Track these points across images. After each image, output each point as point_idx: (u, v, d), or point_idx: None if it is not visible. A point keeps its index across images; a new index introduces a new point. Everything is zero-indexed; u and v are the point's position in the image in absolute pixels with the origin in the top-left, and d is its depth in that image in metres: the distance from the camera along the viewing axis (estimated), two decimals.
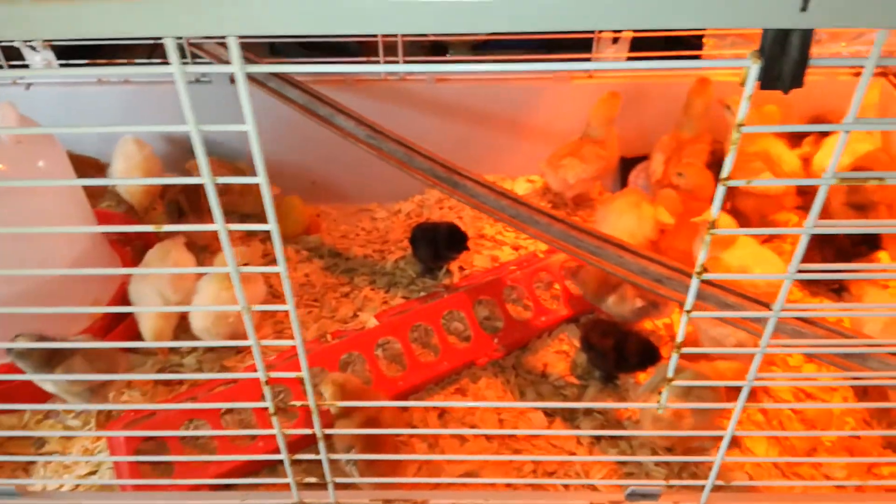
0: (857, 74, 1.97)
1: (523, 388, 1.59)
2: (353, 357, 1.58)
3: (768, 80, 0.60)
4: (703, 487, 1.02)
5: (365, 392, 1.41)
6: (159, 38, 0.63)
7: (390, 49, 2.00)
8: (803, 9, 0.54)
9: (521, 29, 0.58)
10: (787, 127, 0.72)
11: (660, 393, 0.94)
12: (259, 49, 2.27)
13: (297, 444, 1.40)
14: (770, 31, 0.57)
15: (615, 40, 1.97)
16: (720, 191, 0.68)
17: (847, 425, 1.51)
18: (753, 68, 0.60)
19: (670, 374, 0.88)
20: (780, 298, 0.77)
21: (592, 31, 1.91)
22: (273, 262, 1.91)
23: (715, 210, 0.69)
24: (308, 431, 0.97)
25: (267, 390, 0.91)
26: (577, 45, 1.97)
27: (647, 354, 1.53)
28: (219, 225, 0.77)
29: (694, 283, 0.76)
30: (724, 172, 0.66)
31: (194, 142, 0.70)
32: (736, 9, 0.55)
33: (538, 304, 1.68)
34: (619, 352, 1.52)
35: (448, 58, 2.11)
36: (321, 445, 0.99)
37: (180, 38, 0.63)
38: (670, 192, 1.74)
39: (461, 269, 1.85)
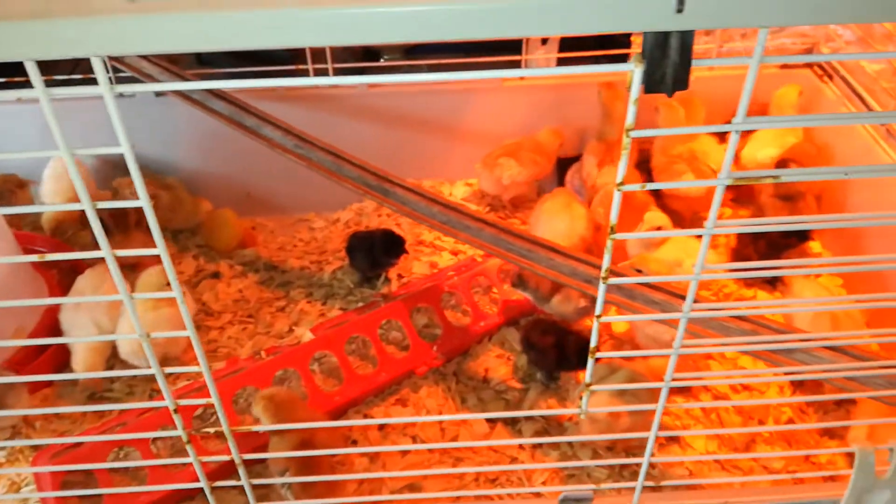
0: (784, 67, 2.01)
1: (465, 394, 1.57)
2: (289, 373, 1.54)
3: (652, 84, 0.58)
4: (634, 489, 1.01)
5: (296, 402, 1.38)
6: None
7: (320, 56, 1.97)
8: (679, 10, 0.53)
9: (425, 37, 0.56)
10: (675, 130, 0.72)
11: (581, 398, 0.94)
12: (185, 59, 2.21)
13: (231, 468, 1.36)
14: (649, 34, 0.56)
15: (544, 41, 1.97)
16: (616, 196, 0.66)
17: (784, 415, 1.53)
18: (637, 72, 0.59)
19: (588, 379, 0.87)
20: (689, 299, 0.76)
21: None
22: (206, 278, 1.86)
23: (614, 215, 0.68)
24: (226, 458, 0.93)
25: (177, 419, 0.87)
26: (508, 46, 1.97)
27: (587, 351, 1.52)
28: (105, 252, 0.73)
29: (601, 289, 0.75)
30: (619, 177, 0.65)
31: (69, 164, 0.66)
32: (614, 12, 0.54)
33: (476, 309, 1.67)
34: (560, 350, 1.52)
35: (379, 64, 2.08)
36: (241, 471, 0.96)
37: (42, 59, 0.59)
38: (609, 194, 1.75)
39: (400, 276, 1.83)
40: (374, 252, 1.73)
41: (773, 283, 1.75)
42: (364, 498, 1.34)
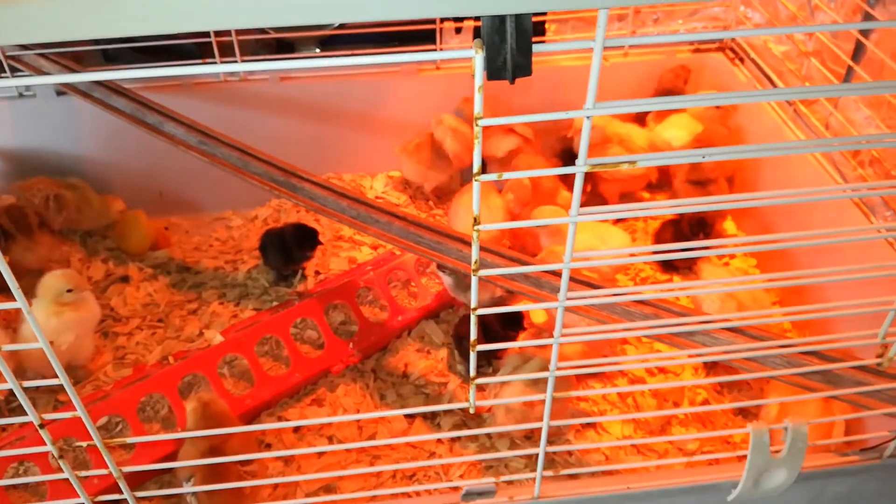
0: (697, 51, 2.03)
1: (383, 391, 1.55)
2: (197, 378, 1.49)
3: (493, 71, 0.56)
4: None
5: (227, 418, 1.33)
6: None
7: (229, 49, 1.91)
8: None
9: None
10: (524, 117, 0.70)
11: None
12: (91, 57, 2.12)
13: (136, 478, 1.32)
14: (486, 19, 0.54)
15: (458, 30, 1.95)
16: (475, 186, 0.64)
17: (699, 397, 1.54)
18: (478, 58, 0.56)
19: (472, 372, 0.85)
20: (563, 288, 0.75)
21: (434, 21, 1.88)
22: (115, 282, 1.79)
23: (476, 206, 0.66)
24: (103, 472, 0.89)
25: (44, 434, 0.83)
26: (423, 36, 1.94)
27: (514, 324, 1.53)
28: None
29: (474, 281, 0.73)
30: (475, 168, 0.63)
31: None
32: None
33: (394, 303, 1.64)
34: (490, 335, 1.51)
35: (287, 56, 2.03)
36: (122, 485, 0.91)
37: None
38: (520, 182, 1.74)
39: (317, 273, 1.79)
40: (287, 247, 1.69)
41: (690, 268, 1.77)
42: (278, 503, 1.31)
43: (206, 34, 1.86)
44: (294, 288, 1.74)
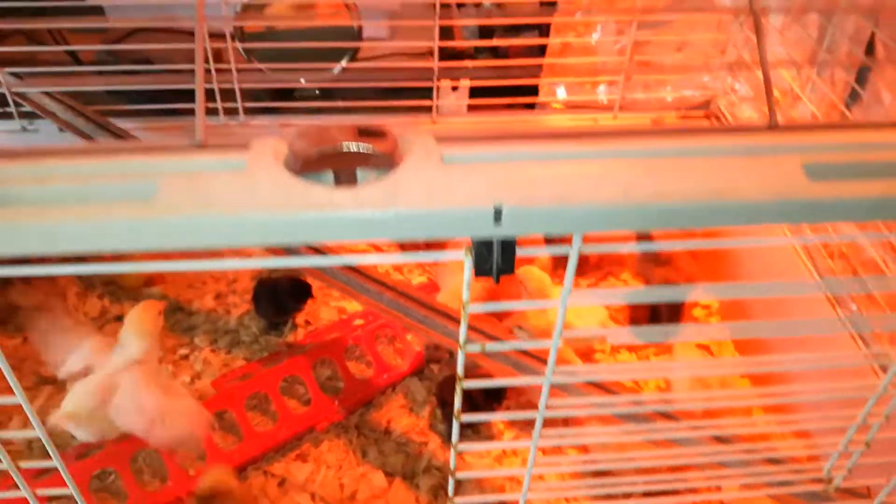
0: (684, 117, 2.09)
1: (366, 447, 1.61)
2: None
3: (481, 272, 0.63)
4: None
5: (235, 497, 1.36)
6: None
7: (229, 93, 1.96)
8: (497, 221, 0.58)
9: None
10: (508, 304, 0.73)
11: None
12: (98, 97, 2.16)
13: None
14: (474, 238, 0.60)
15: (454, 88, 2.00)
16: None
17: None
18: (467, 260, 0.63)
19: (454, 440, 0.90)
20: (550, 364, 0.78)
21: (432, 80, 1.93)
22: (110, 321, 1.84)
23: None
24: None
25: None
26: (419, 91, 2.00)
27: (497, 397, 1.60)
28: None
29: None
30: (461, 339, 0.69)
31: None
32: (441, 223, 0.58)
33: (380, 361, 1.71)
34: (472, 405, 1.57)
35: (292, 104, 2.08)
36: None
37: None
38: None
39: (307, 323, 1.85)
40: (280, 299, 1.75)
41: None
42: None
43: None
44: (284, 338, 1.80)
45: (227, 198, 0.56)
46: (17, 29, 2.01)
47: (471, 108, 2.05)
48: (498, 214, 0.57)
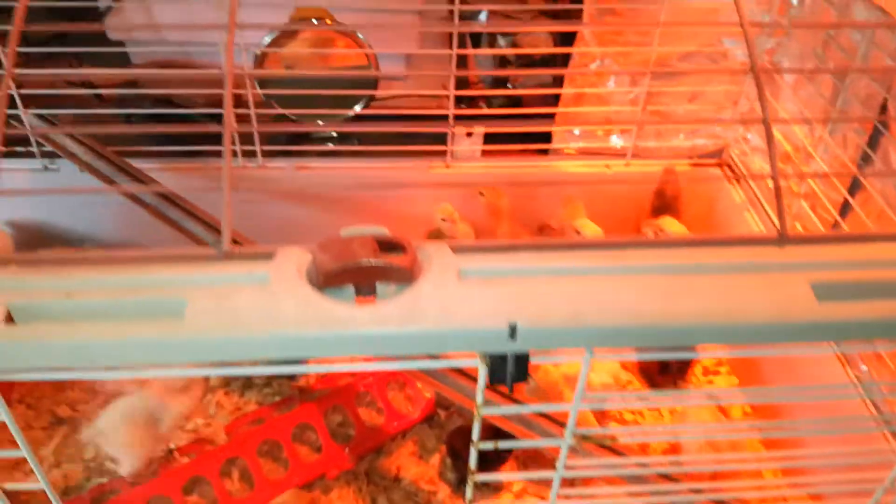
0: (696, 165, 2.11)
1: (375, 495, 1.62)
2: (199, 479, 1.57)
3: (495, 380, 0.65)
4: None
5: None
6: None
7: (248, 141, 1.99)
8: (511, 337, 0.60)
9: None
10: (524, 407, 0.74)
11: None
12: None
13: None
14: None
15: (469, 134, 2.03)
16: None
17: None
18: (481, 367, 0.65)
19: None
20: (569, 427, 0.79)
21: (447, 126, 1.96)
22: None
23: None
24: None
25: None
26: (434, 137, 2.02)
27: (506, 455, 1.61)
28: None
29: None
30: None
31: None
32: (457, 339, 0.60)
33: (390, 408, 1.72)
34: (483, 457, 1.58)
35: (308, 147, 2.11)
36: None
37: None
38: None
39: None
40: None
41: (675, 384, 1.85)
42: None
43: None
44: (296, 381, 1.82)
45: (253, 316, 0.58)
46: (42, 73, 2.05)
47: (485, 152, 2.07)
48: (513, 331, 0.59)
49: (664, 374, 1.81)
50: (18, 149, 1.97)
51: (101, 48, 2.19)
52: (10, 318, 0.57)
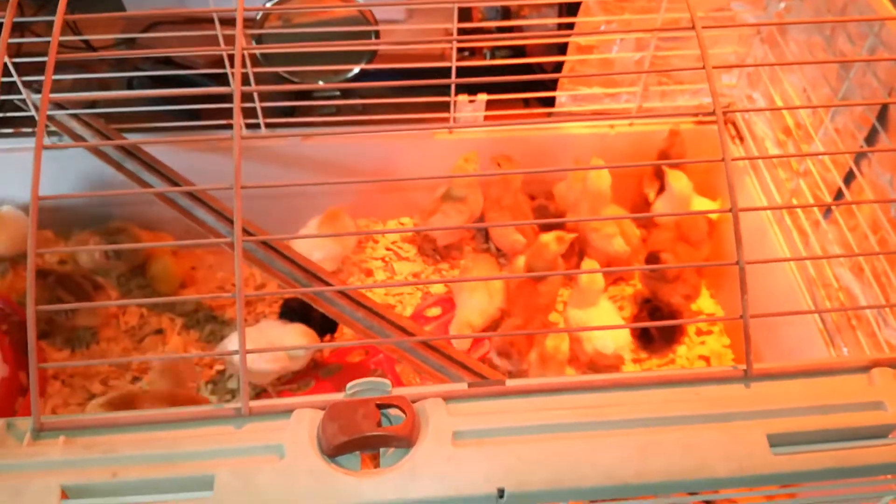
0: (700, 122, 2.11)
1: None
2: None
3: None
4: None
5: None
6: None
7: (250, 111, 1.99)
8: (500, 498, 0.68)
9: None
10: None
11: None
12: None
13: None
14: None
15: (472, 101, 2.02)
16: None
17: None
18: None
19: None
20: None
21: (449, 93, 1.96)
22: (150, 334, 1.98)
23: None
24: None
25: None
26: (436, 104, 2.02)
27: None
28: None
29: None
30: None
31: None
32: (451, 502, 0.68)
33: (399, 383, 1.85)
34: None
35: (311, 119, 2.11)
36: None
37: None
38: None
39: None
40: (311, 327, 1.85)
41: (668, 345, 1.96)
42: None
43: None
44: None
45: (272, 493, 0.67)
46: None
47: (489, 104, 2.04)
48: (501, 494, 0.68)
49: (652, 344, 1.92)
50: (25, 129, 1.99)
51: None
52: (64, 496, 0.66)
